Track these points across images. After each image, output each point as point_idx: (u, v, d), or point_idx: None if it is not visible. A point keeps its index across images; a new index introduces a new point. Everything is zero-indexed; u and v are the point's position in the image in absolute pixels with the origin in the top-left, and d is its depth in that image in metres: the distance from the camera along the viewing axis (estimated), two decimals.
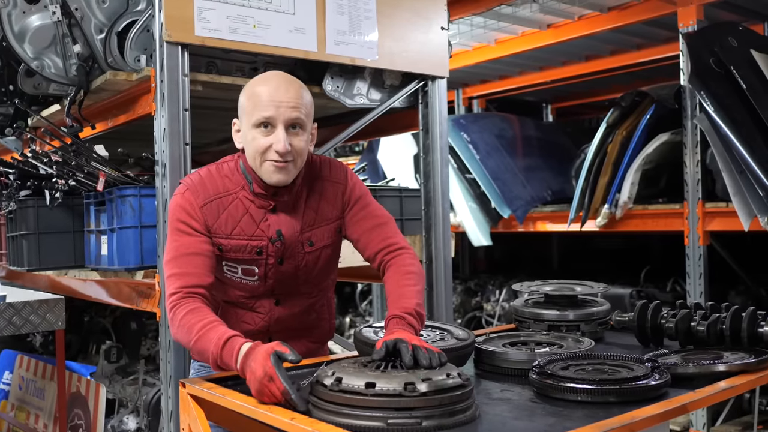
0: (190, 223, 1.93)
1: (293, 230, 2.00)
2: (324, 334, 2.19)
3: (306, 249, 2.03)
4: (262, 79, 1.98)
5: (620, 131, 4.43)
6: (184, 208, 1.95)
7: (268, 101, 1.89)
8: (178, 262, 1.90)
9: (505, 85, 6.27)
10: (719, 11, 4.28)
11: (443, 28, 3.23)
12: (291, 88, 1.93)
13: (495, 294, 5.98)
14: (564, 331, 2.19)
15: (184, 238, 1.92)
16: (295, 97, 1.92)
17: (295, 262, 2.03)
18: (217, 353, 1.70)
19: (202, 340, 1.74)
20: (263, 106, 1.90)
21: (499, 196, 5.15)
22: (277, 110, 1.89)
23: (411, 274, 1.97)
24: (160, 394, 2.66)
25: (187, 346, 1.84)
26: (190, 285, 1.86)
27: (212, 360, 1.72)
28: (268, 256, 1.99)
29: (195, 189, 1.97)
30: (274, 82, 1.94)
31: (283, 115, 1.89)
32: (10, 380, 4.54)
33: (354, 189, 2.10)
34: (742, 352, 1.84)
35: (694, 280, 4.04)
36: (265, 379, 1.55)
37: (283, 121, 1.90)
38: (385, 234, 2.06)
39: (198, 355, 1.80)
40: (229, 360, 1.68)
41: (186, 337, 1.79)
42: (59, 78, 2.90)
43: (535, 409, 1.56)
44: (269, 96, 1.90)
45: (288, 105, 1.90)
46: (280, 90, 1.91)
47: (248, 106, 1.93)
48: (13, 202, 3.30)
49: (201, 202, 1.95)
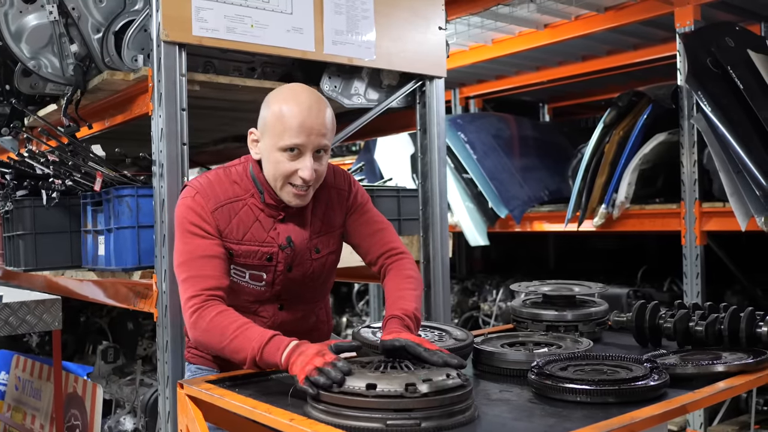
0: (203, 226, 1.91)
1: (302, 238, 2.02)
2: (323, 335, 2.20)
3: (313, 256, 2.05)
4: (292, 98, 1.90)
5: (617, 131, 4.44)
6: (196, 211, 1.92)
7: (299, 128, 1.85)
8: (193, 264, 1.87)
9: (502, 85, 6.27)
10: (716, 11, 4.28)
11: (441, 28, 3.23)
12: (321, 112, 1.89)
13: (492, 294, 5.98)
14: (562, 332, 2.19)
15: (198, 240, 1.90)
16: (324, 123, 1.89)
17: (303, 269, 2.04)
18: (259, 348, 1.68)
19: (240, 338, 1.73)
20: (293, 132, 1.85)
21: (496, 195, 5.15)
22: (308, 138, 1.86)
23: (411, 279, 2.00)
24: (157, 395, 2.66)
25: (215, 348, 1.80)
26: (210, 288, 1.84)
27: (250, 358, 1.71)
28: (277, 262, 2.00)
29: (205, 193, 1.94)
30: (305, 104, 1.88)
31: (313, 143, 1.87)
32: (7, 381, 4.53)
33: (357, 196, 2.13)
34: (740, 353, 1.84)
35: (691, 280, 4.05)
36: (317, 355, 1.56)
37: (312, 149, 1.88)
38: (386, 239, 2.10)
39: (231, 353, 1.76)
40: (273, 354, 1.67)
41: (218, 338, 1.76)
42: (56, 78, 2.90)
43: (534, 410, 1.56)
44: (300, 123, 1.85)
45: (318, 133, 1.87)
46: (311, 116, 1.87)
47: (275, 127, 1.88)
48: (9, 202, 3.29)
49: (212, 207, 1.93)
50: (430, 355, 1.60)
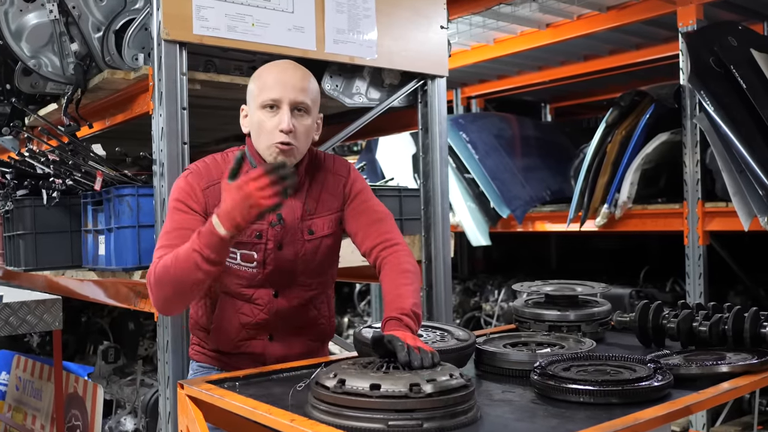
0: (188, 202, 1.96)
1: (294, 216, 2.02)
2: (324, 333, 2.17)
3: (306, 237, 2.04)
4: (271, 64, 2.03)
5: (619, 131, 4.43)
6: (184, 189, 1.98)
7: (274, 83, 1.95)
8: (168, 236, 1.92)
9: (504, 84, 6.27)
10: (719, 11, 4.27)
11: (443, 27, 3.22)
12: (297, 72, 1.99)
13: (494, 294, 5.97)
14: (565, 332, 2.18)
15: (179, 215, 1.95)
16: (301, 81, 1.97)
17: (295, 249, 2.03)
18: (201, 247, 1.74)
19: (180, 257, 1.77)
20: (269, 87, 1.94)
21: (497, 195, 5.14)
22: (284, 91, 1.94)
23: (407, 273, 1.96)
24: (157, 395, 2.65)
25: (174, 288, 1.81)
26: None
27: (201, 260, 1.74)
28: (267, 240, 2.00)
29: (199, 173, 2.00)
30: (281, 65, 2.01)
31: (289, 96, 1.94)
32: (7, 381, 4.52)
33: (355, 183, 2.12)
34: (744, 353, 1.82)
35: (694, 280, 4.03)
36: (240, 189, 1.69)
37: (289, 103, 1.94)
38: (383, 229, 2.06)
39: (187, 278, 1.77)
40: (209, 234, 1.73)
41: (166, 277, 1.79)
42: (56, 77, 2.89)
43: (536, 411, 1.55)
44: (275, 78, 1.96)
45: (294, 87, 1.95)
46: (287, 73, 1.97)
47: (255, 90, 1.98)
48: (10, 201, 3.28)
49: (204, 185, 1.98)
50: (404, 356, 1.53)
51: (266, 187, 1.69)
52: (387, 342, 1.59)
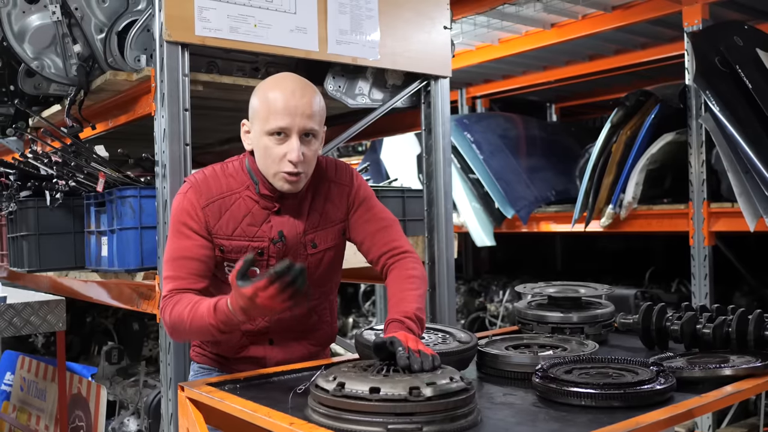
0: (190, 224, 1.93)
1: (295, 232, 1.99)
2: (325, 337, 2.16)
3: (309, 251, 2.02)
4: (276, 84, 1.93)
5: (625, 131, 4.41)
6: (186, 209, 1.94)
7: (283, 110, 1.86)
8: (173, 264, 1.92)
9: (509, 84, 6.25)
10: (724, 10, 4.25)
11: (446, 28, 3.21)
12: (305, 95, 1.90)
13: (498, 295, 5.96)
14: (568, 334, 2.16)
15: (182, 240, 1.93)
16: (309, 106, 1.89)
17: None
18: (216, 323, 1.75)
19: (196, 319, 1.78)
20: (278, 114, 1.86)
21: (502, 196, 5.13)
22: (292, 120, 1.86)
23: (413, 278, 1.95)
24: (160, 397, 2.64)
25: (188, 336, 1.87)
26: (180, 289, 1.88)
27: (215, 331, 1.76)
28: (269, 257, 1.98)
29: (198, 188, 1.96)
30: (289, 88, 1.90)
31: (298, 125, 1.87)
32: (12, 381, 4.53)
33: (359, 191, 2.08)
34: (748, 356, 1.81)
35: (699, 281, 4.01)
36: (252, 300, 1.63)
37: (298, 131, 1.88)
38: (390, 237, 2.05)
39: (200, 336, 1.83)
40: (225, 316, 1.73)
41: (181, 327, 1.82)
42: (59, 78, 2.89)
43: (538, 414, 1.54)
44: (284, 104, 1.87)
45: (303, 114, 1.88)
46: (295, 97, 1.88)
47: (262, 112, 1.90)
48: (13, 202, 3.29)
49: (203, 203, 1.94)
50: (404, 360, 1.53)
51: (277, 295, 1.62)
52: (388, 344, 1.58)
